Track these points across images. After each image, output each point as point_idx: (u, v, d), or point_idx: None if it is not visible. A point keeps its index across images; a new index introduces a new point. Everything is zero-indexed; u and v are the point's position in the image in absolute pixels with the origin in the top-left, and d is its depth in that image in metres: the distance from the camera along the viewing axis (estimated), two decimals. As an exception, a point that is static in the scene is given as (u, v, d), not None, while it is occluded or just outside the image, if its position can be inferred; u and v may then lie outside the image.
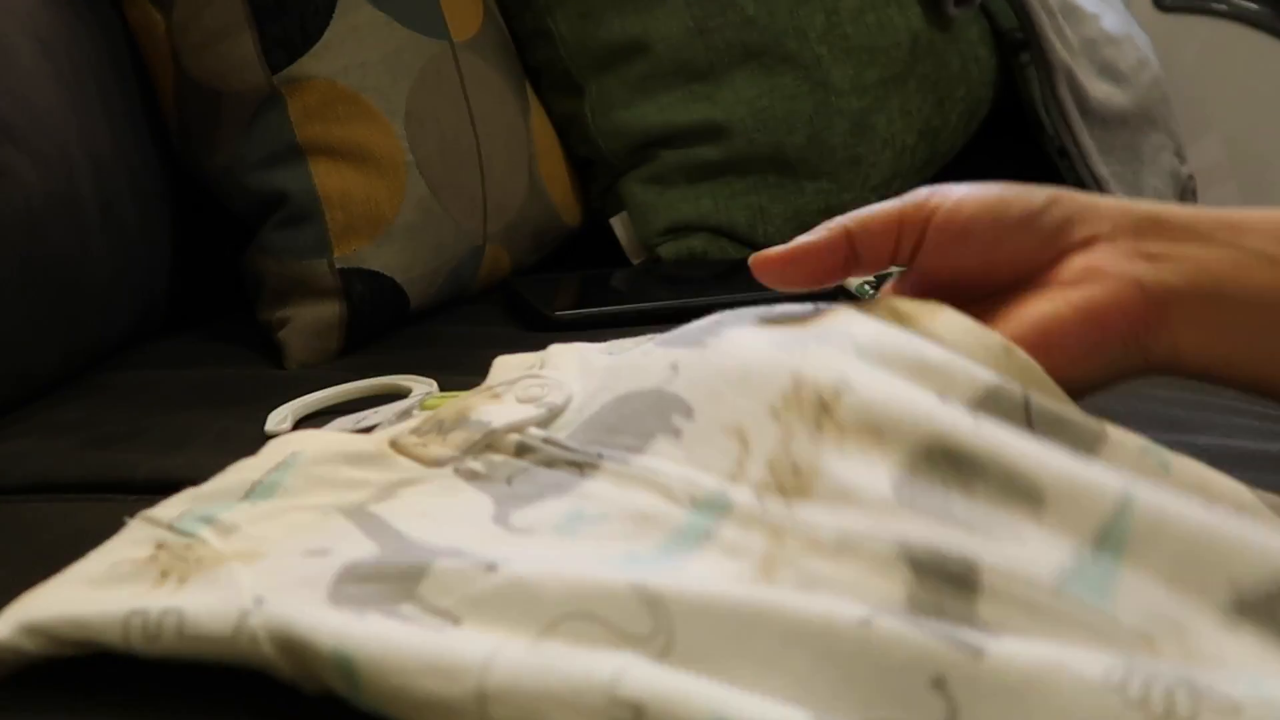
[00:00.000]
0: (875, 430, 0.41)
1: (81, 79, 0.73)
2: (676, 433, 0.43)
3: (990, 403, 0.43)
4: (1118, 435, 0.43)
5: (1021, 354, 0.47)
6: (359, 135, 0.78)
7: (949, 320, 0.49)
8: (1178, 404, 0.68)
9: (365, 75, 0.78)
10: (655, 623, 0.32)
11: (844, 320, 0.49)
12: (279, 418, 0.59)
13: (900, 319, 0.50)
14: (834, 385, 0.43)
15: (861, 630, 0.31)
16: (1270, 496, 0.43)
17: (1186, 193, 1.24)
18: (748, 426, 0.43)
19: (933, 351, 0.45)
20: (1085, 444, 0.42)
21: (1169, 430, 0.63)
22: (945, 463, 0.40)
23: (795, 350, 0.46)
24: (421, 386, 0.60)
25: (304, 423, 0.60)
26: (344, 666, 0.31)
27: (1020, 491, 0.39)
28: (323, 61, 0.77)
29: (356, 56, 0.78)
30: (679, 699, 0.29)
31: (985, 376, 0.45)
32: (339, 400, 0.62)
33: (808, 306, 0.53)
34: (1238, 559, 0.36)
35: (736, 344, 0.48)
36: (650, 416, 0.45)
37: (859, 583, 0.36)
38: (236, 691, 0.35)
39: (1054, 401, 0.44)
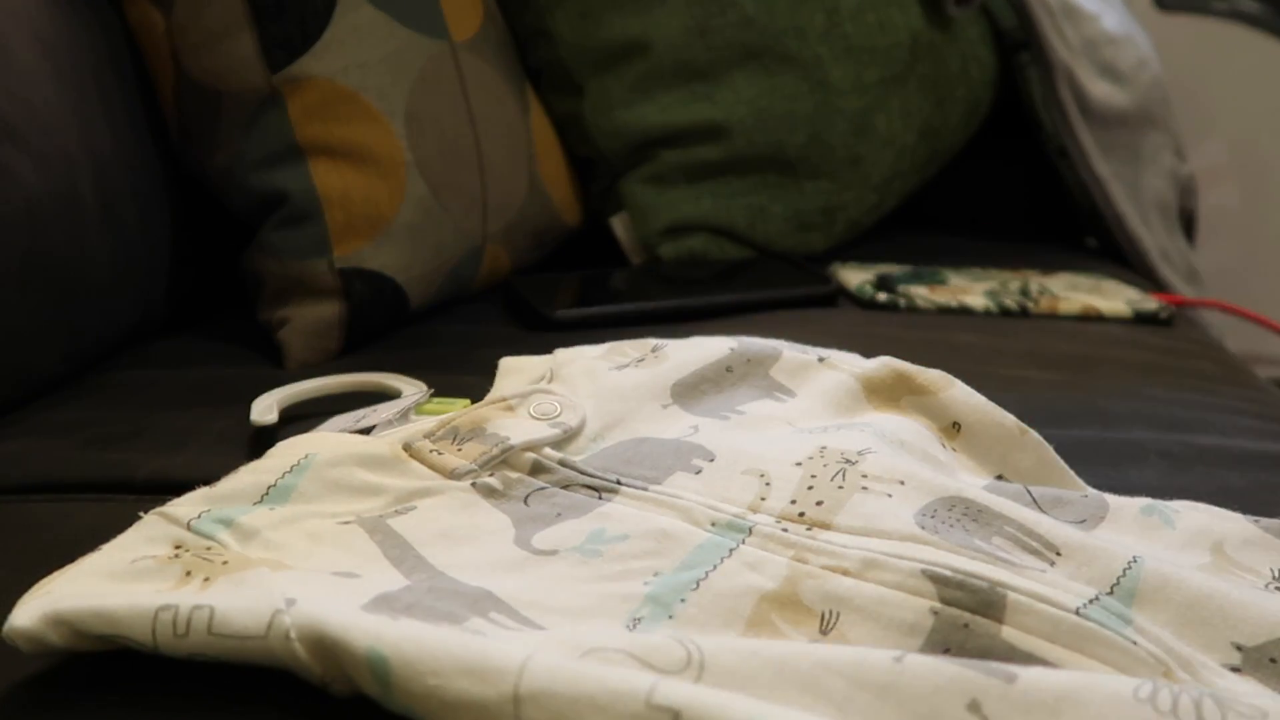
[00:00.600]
0: (897, 480, 0.42)
1: (81, 79, 0.73)
2: (697, 471, 0.44)
3: (994, 489, 0.45)
4: (1118, 504, 0.45)
5: (1035, 434, 0.49)
6: (359, 135, 0.78)
7: (964, 396, 0.51)
8: (1178, 404, 0.68)
9: (365, 75, 0.78)
10: (688, 654, 0.32)
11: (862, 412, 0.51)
12: (263, 406, 0.59)
13: (914, 390, 0.51)
14: (858, 450, 0.44)
15: (894, 664, 0.31)
16: (1273, 523, 0.44)
17: (1186, 193, 1.24)
18: (770, 470, 0.43)
19: (941, 453, 0.47)
20: (1089, 516, 0.44)
21: (1169, 430, 0.63)
22: (966, 510, 0.41)
23: (819, 431, 0.47)
24: (409, 386, 0.60)
25: (290, 415, 0.60)
26: (378, 666, 0.31)
27: (1037, 542, 0.40)
28: (323, 61, 0.77)
29: (356, 56, 0.78)
30: (716, 707, 0.29)
31: (986, 473, 0.48)
32: (323, 392, 0.62)
33: (812, 355, 0.54)
34: (1238, 620, 0.37)
35: (762, 419, 0.49)
36: (669, 456, 0.46)
37: (883, 599, 0.36)
38: (237, 702, 0.35)
39: (1054, 487, 0.46)
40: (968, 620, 0.35)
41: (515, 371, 0.54)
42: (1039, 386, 0.70)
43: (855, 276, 0.93)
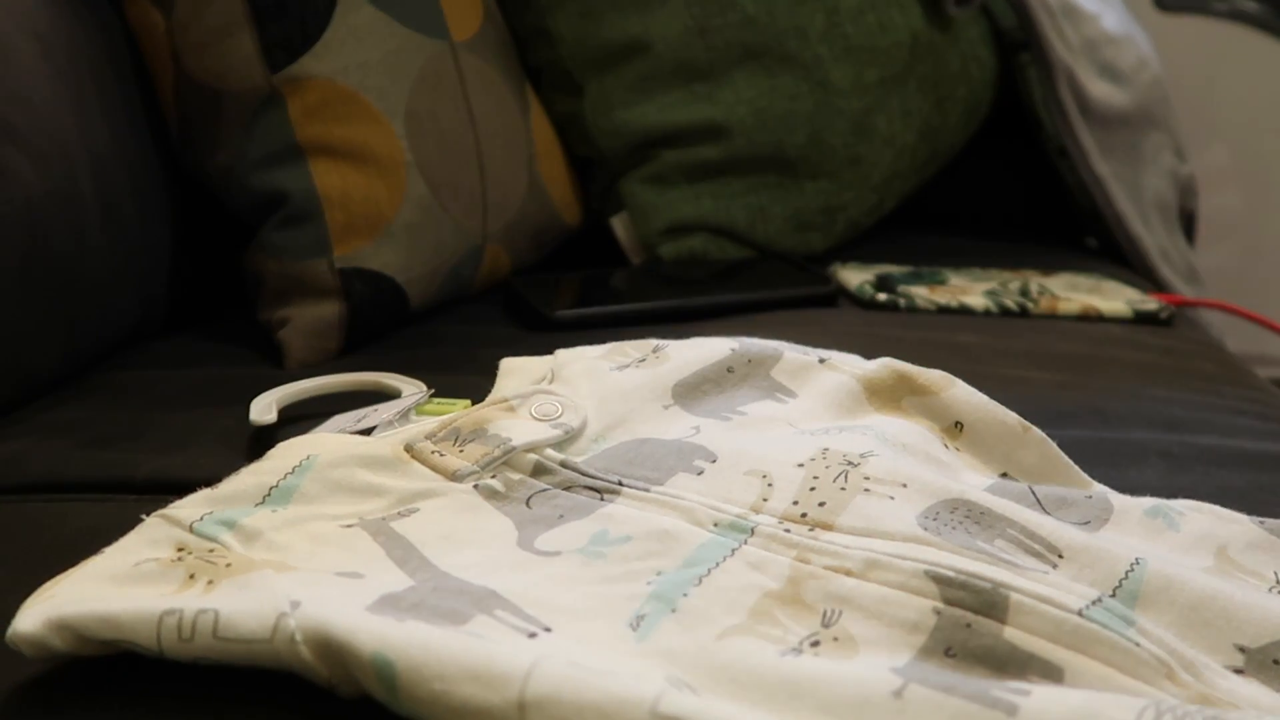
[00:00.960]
0: (900, 483, 0.42)
1: (81, 79, 0.73)
2: (699, 472, 0.44)
3: (998, 489, 0.45)
4: (1123, 505, 0.45)
5: (1037, 431, 0.49)
6: (359, 135, 0.78)
7: (965, 395, 0.51)
8: (1178, 404, 0.68)
9: (365, 75, 0.78)
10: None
11: (863, 414, 0.50)
12: (262, 405, 0.59)
13: (915, 391, 0.51)
14: (860, 453, 0.44)
15: (895, 701, 0.31)
16: (1278, 525, 0.44)
17: (1187, 193, 1.24)
18: (773, 471, 0.43)
19: (944, 454, 0.47)
20: (1094, 518, 0.44)
21: (1169, 430, 0.63)
22: (968, 513, 0.41)
23: (820, 433, 0.47)
24: (408, 386, 0.60)
25: (290, 414, 0.60)
26: (383, 670, 0.31)
27: (1039, 545, 0.40)
28: (323, 61, 0.77)
29: (356, 56, 0.78)
30: (722, 718, 0.29)
31: (990, 471, 0.48)
32: (322, 391, 0.62)
33: (813, 356, 0.54)
34: (1241, 622, 0.37)
35: (763, 420, 0.49)
36: (671, 457, 0.46)
37: (886, 599, 0.36)
38: (240, 703, 0.35)
39: (1059, 486, 0.46)
40: (970, 620, 0.35)
41: (516, 372, 0.54)
42: (1039, 386, 0.70)
43: (855, 277, 0.93)
